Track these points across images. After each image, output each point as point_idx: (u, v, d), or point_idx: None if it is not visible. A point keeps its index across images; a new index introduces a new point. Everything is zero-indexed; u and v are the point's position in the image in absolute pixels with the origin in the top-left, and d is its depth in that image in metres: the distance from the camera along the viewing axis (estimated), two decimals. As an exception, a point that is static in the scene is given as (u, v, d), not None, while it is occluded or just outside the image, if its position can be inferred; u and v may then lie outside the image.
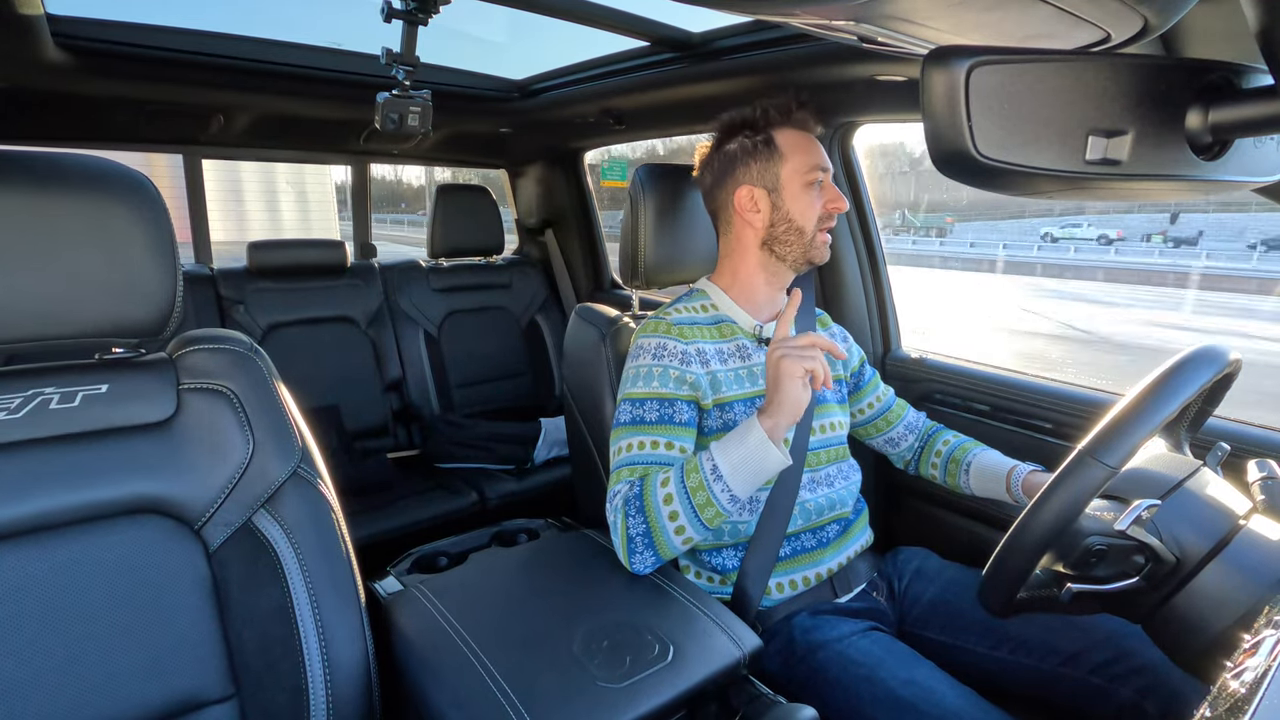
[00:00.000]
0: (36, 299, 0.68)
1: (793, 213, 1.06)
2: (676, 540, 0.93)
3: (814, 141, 1.08)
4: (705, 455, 0.93)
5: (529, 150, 2.51)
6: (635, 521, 0.94)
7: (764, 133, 1.07)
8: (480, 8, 1.33)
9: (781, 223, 1.07)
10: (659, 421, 1.01)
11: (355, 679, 0.79)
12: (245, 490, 0.77)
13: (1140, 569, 0.70)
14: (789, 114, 1.07)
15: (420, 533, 1.71)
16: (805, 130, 1.08)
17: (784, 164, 1.06)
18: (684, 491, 0.91)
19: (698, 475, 0.92)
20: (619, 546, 0.96)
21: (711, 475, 0.91)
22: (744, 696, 0.83)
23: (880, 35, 0.61)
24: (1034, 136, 0.39)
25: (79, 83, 1.48)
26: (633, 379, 1.05)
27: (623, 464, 1.00)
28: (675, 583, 0.97)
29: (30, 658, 0.67)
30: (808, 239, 1.07)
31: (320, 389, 2.02)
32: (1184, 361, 0.72)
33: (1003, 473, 1.12)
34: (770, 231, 1.08)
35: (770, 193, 1.07)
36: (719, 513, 0.91)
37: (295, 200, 14.97)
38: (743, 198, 1.09)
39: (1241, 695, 0.39)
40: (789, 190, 1.06)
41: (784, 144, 1.06)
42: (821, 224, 1.07)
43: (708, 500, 0.91)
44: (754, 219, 1.09)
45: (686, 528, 0.92)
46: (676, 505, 0.92)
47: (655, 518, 0.93)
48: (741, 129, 1.09)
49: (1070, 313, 9.85)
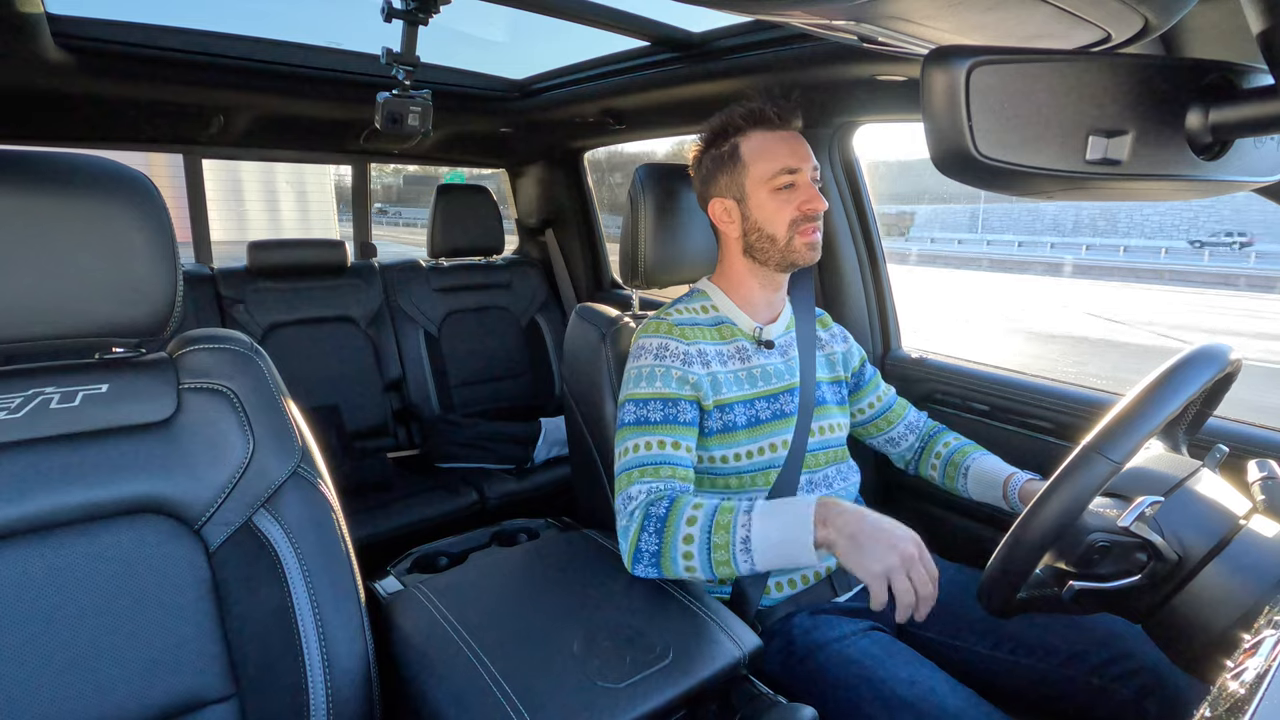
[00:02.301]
0: (36, 299, 0.68)
1: (761, 221, 1.06)
2: (683, 572, 0.92)
3: (786, 141, 1.05)
4: (742, 521, 0.89)
5: (529, 150, 2.51)
6: (649, 539, 0.93)
7: (729, 142, 1.07)
8: (480, 8, 1.33)
9: (753, 231, 1.07)
10: (664, 421, 1.01)
11: (355, 679, 0.79)
12: (245, 490, 0.77)
13: (1142, 567, 0.70)
14: (756, 118, 1.05)
15: (420, 533, 1.71)
16: (779, 129, 1.06)
17: (748, 173, 1.05)
18: (706, 542, 0.90)
19: (726, 535, 0.89)
20: (625, 550, 0.96)
21: (740, 546, 0.88)
22: (744, 696, 0.83)
23: (880, 35, 0.61)
24: (1034, 136, 0.39)
25: (79, 83, 1.48)
26: (635, 379, 1.05)
27: (632, 465, 0.99)
28: (675, 583, 0.97)
29: (30, 657, 0.67)
30: (781, 245, 1.06)
31: (320, 389, 2.02)
32: (1187, 359, 0.72)
33: (1000, 479, 1.12)
34: (746, 240, 1.09)
35: (739, 203, 1.07)
36: (733, 572, 0.90)
37: (295, 200, 14.98)
38: (716, 210, 1.10)
39: (1241, 695, 0.39)
40: (754, 199, 1.06)
41: (748, 152, 1.05)
42: (797, 227, 1.04)
43: (727, 561, 0.89)
44: (730, 229, 1.10)
45: (697, 569, 0.91)
46: (695, 549, 0.90)
47: (669, 548, 0.92)
48: (711, 140, 1.09)
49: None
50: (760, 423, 1.07)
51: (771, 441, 1.08)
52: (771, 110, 1.05)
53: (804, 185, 1.05)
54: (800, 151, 1.05)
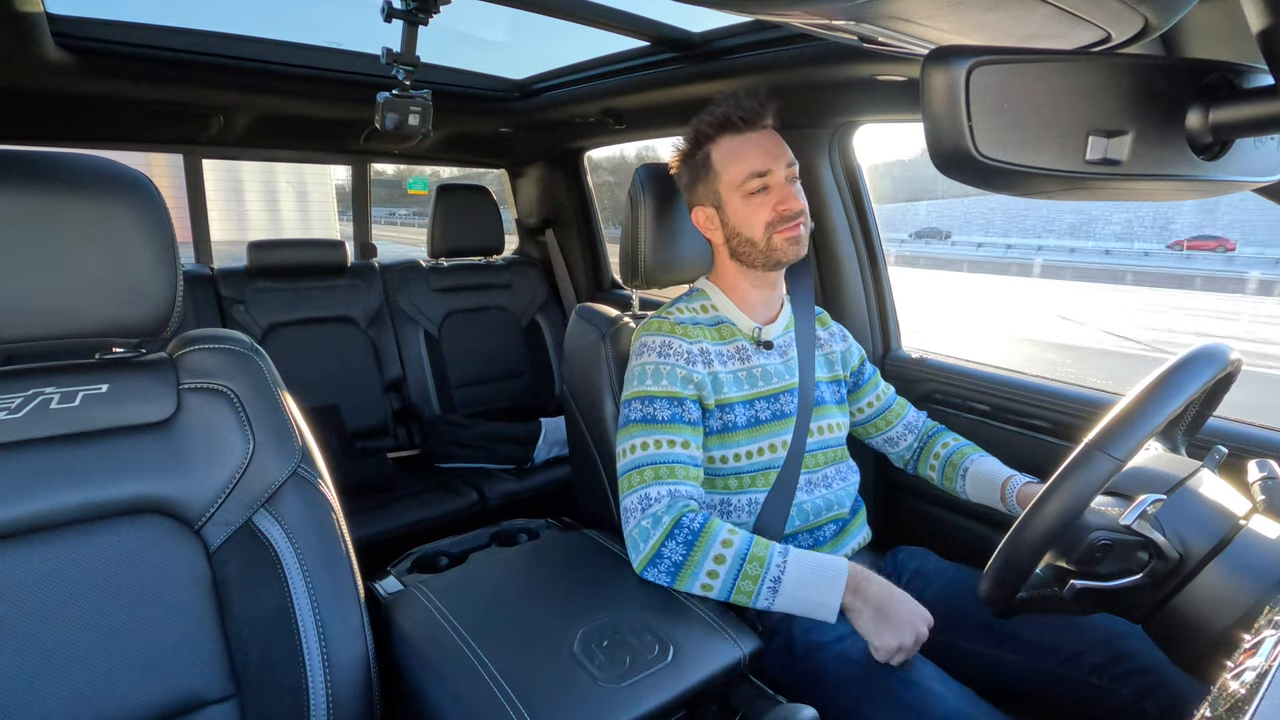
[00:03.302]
0: (36, 299, 0.68)
1: (739, 226, 1.07)
2: (698, 589, 0.93)
3: (756, 141, 1.04)
4: (777, 561, 0.91)
5: (529, 150, 2.51)
6: (675, 549, 0.93)
7: (702, 150, 1.07)
8: (480, 8, 1.33)
9: (733, 236, 1.08)
10: (671, 420, 1.01)
11: (355, 679, 0.79)
12: (245, 490, 0.77)
13: (1143, 566, 0.70)
14: (723, 124, 1.05)
15: (420, 533, 1.71)
16: (747, 131, 1.05)
17: (720, 180, 1.06)
18: (737, 571, 0.91)
19: (759, 570, 0.91)
20: (642, 552, 0.95)
21: (769, 585, 0.90)
22: (744, 696, 0.83)
23: (880, 35, 0.61)
24: (1034, 136, 0.39)
25: (79, 83, 1.48)
26: (640, 376, 1.04)
27: (643, 463, 0.99)
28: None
29: (30, 657, 0.67)
30: (761, 246, 1.06)
31: (320, 389, 2.02)
32: (1188, 359, 0.73)
33: (998, 481, 1.12)
34: (730, 245, 1.10)
35: (718, 210, 1.08)
36: (749, 603, 0.92)
37: (295, 200, 14.98)
38: (699, 218, 1.12)
39: (1241, 695, 0.39)
40: (730, 205, 1.07)
41: (718, 158, 1.06)
42: (775, 228, 1.04)
43: (750, 592, 0.91)
44: (714, 236, 1.12)
45: (714, 589, 0.92)
46: (722, 571, 0.91)
47: (696, 564, 0.92)
48: (687, 150, 1.10)
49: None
50: (760, 423, 1.07)
51: (771, 442, 1.08)
52: (736, 114, 1.04)
53: (777, 186, 1.04)
54: (771, 151, 1.04)
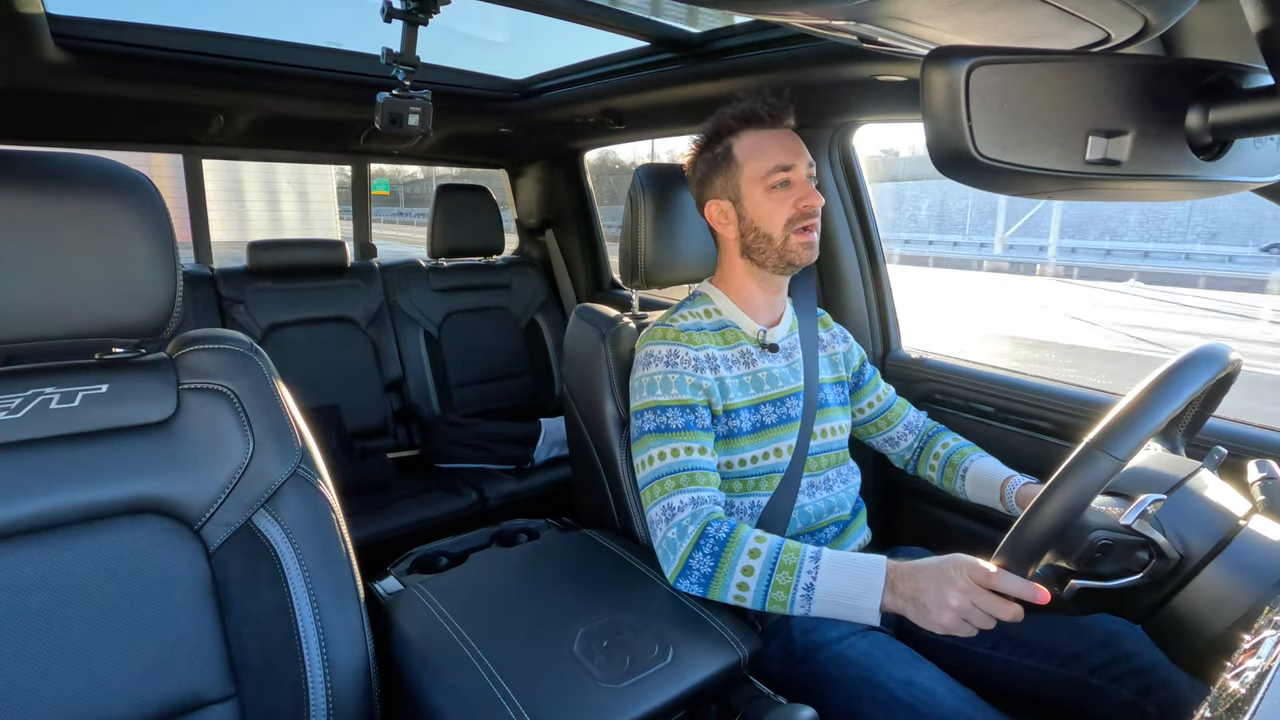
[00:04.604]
0: (36, 299, 0.68)
1: (757, 220, 1.06)
2: (731, 600, 0.92)
3: (779, 138, 1.05)
4: (809, 567, 0.89)
5: (529, 150, 2.51)
6: (703, 559, 0.92)
7: (723, 143, 1.07)
8: (480, 8, 1.33)
9: (749, 232, 1.07)
10: (686, 428, 1.00)
11: (355, 679, 0.79)
12: (245, 490, 0.77)
13: (1144, 565, 0.70)
14: (749, 118, 1.05)
15: (420, 533, 1.71)
16: (771, 128, 1.06)
17: (742, 173, 1.05)
18: (768, 579, 0.89)
19: (790, 577, 0.89)
20: (672, 564, 0.94)
21: (803, 592, 0.88)
22: (744, 697, 0.83)
23: (880, 35, 0.61)
24: (1034, 136, 0.39)
25: (79, 83, 1.48)
26: (649, 386, 1.04)
27: (663, 473, 0.98)
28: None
29: (30, 657, 0.67)
30: (777, 244, 1.05)
31: (320, 389, 2.02)
32: (1189, 359, 0.73)
33: (997, 482, 1.12)
34: (743, 241, 1.09)
35: (735, 204, 1.07)
36: (785, 611, 0.90)
37: (296, 200, 14.97)
38: (712, 212, 1.10)
39: (1241, 695, 0.39)
40: (750, 199, 1.05)
41: (741, 151, 1.05)
42: (794, 225, 1.04)
43: (784, 602, 0.89)
44: (727, 231, 1.10)
45: (748, 600, 0.91)
46: (753, 582, 0.90)
47: (725, 575, 0.91)
48: (704, 143, 1.09)
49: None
50: (765, 428, 1.07)
51: (776, 446, 1.08)
52: (763, 109, 1.05)
53: (799, 182, 1.05)
54: (794, 149, 1.05)
